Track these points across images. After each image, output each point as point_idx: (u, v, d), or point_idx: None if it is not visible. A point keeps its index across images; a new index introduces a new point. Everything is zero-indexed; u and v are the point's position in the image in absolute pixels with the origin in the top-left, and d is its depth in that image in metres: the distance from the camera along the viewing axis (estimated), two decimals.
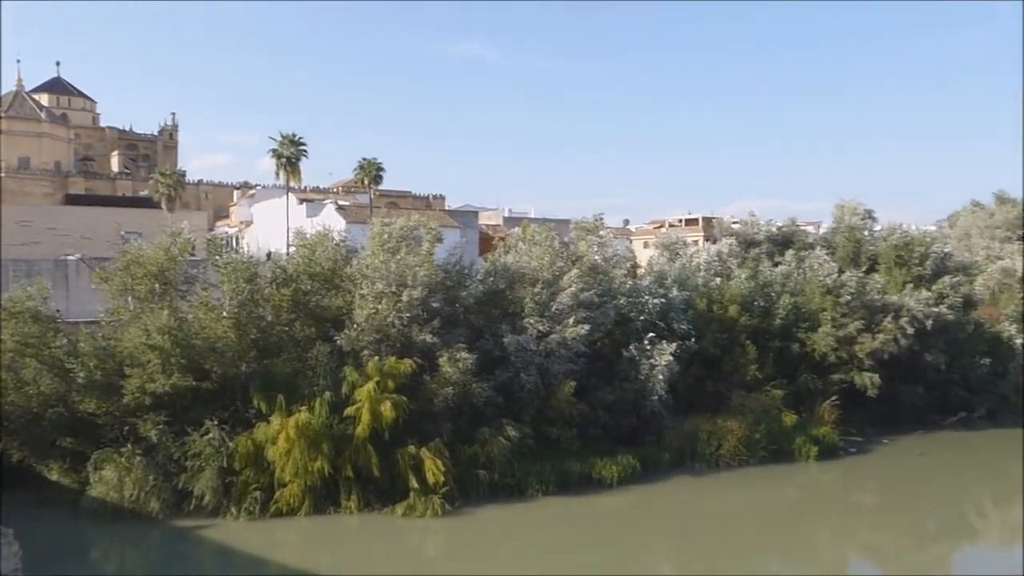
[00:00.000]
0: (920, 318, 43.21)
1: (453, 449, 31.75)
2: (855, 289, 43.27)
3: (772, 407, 38.72)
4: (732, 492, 34.88)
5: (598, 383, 36.77)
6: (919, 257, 49.75)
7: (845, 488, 36.97)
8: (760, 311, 42.61)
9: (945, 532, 32.35)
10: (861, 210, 56.23)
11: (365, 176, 71.99)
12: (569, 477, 33.43)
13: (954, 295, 46.67)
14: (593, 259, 39.36)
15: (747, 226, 56.35)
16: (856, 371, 41.42)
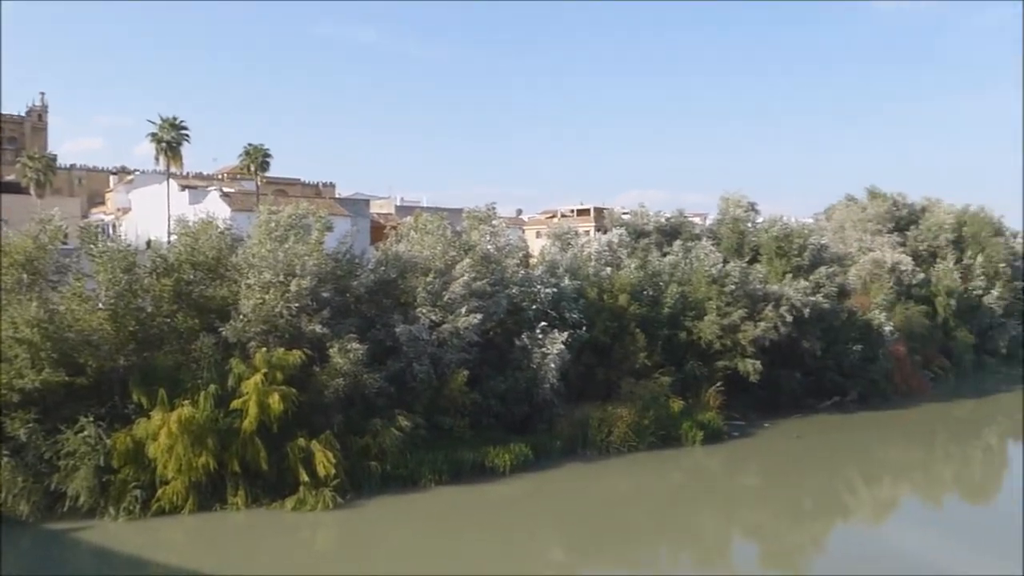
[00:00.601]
0: (798, 306, 44.93)
1: (344, 441, 31.24)
2: (739, 279, 44.68)
3: (660, 394, 39.66)
4: (622, 477, 35.57)
5: (491, 372, 36.85)
6: (798, 248, 51.85)
7: (729, 471, 38.21)
8: (649, 300, 43.55)
9: (821, 510, 33.83)
10: (745, 203, 58.21)
11: (251, 162, 69.89)
12: (462, 466, 33.40)
13: (830, 285, 48.78)
14: (486, 248, 39.38)
15: (637, 217, 57.53)
16: (739, 358, 42.79)
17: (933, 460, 43.04)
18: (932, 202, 72.18)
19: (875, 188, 72.09)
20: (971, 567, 25.99)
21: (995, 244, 68.32)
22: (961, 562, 26.53)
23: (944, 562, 26.62)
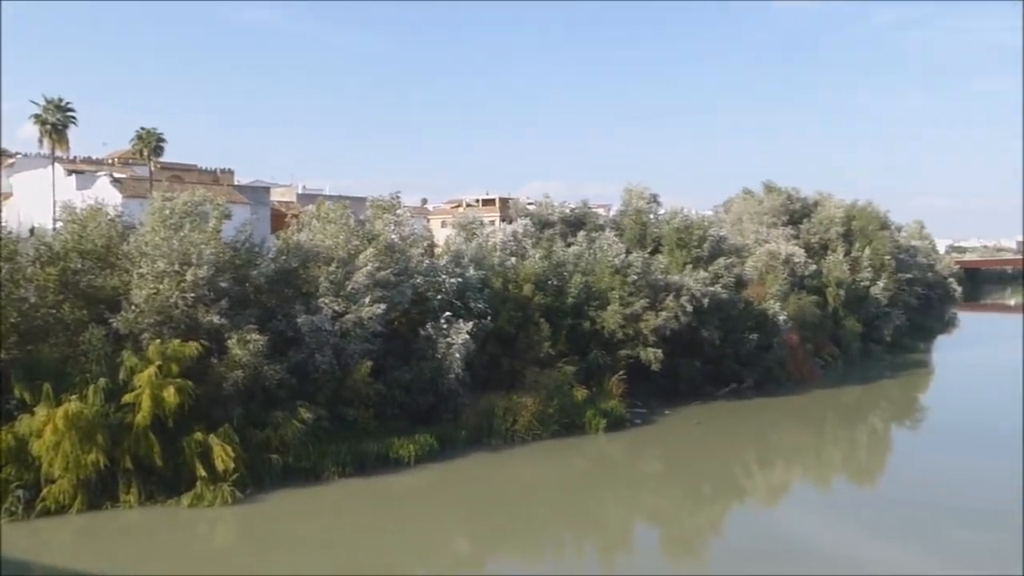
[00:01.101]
0: (698, 296, 45.98)
1: (244, 434, 30.38)
2: (641, 269, 45.41)
3: (564, 382, 40.01)
4: (527, 466, 35.77)
5: (395, 362, 36.47)
6: (698, 240, 53.08)
7: (631, 458, 38.88)
8: (553, 290, 43.86)
9: (719, 494, 34.77)
10: (647, 194, 59.23)
11: (144, 147, 66.92)
12: (366, 458, 32.98)
13: (728, 275, 50.13)
14: (390, 238, 38.89)
15: (542, 207, 57.84)
16: (642, 347, 43.52)
17: (823, 444, 44.75)
18: (824, 196, 75.06)
19: (771, 182, 74.59)
20: (856, 547, 27.07)
21: (881, 237, 71.49)
22: (847, 542, 27.62)
23: (832, 543, 27.67)
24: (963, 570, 24.82)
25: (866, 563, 25.54)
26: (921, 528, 28.68)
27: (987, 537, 27.46)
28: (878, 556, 26.10)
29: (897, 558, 25.91)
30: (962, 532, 28.05)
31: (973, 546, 26.70)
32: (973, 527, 28.45)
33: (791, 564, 25.21)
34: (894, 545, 27.09)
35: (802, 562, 25.41)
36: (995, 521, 29.04)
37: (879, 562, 25.61)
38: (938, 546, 26.83)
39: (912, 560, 25.66)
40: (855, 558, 25.98)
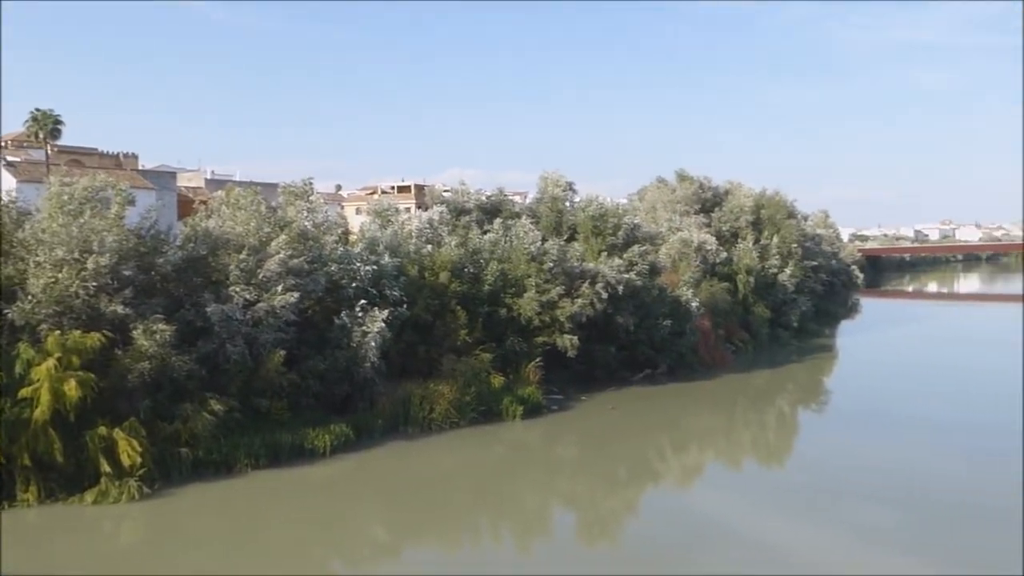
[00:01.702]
0: (613, 284, 46.45)
1: (152, 427, 29.40)
2: (557, 257, 45.63)
3: (481, 370, 39.99)
4: (444, 454, 35.64)
5: (309, 352, 35.81)
6: (613, 227, 53.60)
7: (548, 443, 39.15)
8: (470, 277, 43.73)
9: (633, 477, 35.33)
10: (563, 182, 59.52)
11: (39, 129, 63.77)
12: (280, 449, 32.33)
13: (642, 263, 50.77)
14: (303, 225, 38.08)
15: (458, 195, 57.53)
16: (558, 334, 43.78)
17: (734, 427, 45.87)
18: (734, 185, 76.79)
19: (683, 171, 75.90)
20: (765, 525, 27.85)
21: (788, 226, 73.52)
22: (757, 521, 28.37)
23: (743, 522, 28.37)
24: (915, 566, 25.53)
25: (775, 540, 26.25)
26: (825, 506, 29.69)
27: (888, 513, 28.56)
28: (786, 533, 26.90)
29: (803, 534, 26.75)
30: (864, 509, 29.08)
31: (874, 522, 27.71)
32: (874, 504, 29.52)
33: (705, 543, 25.80)
34: (801, 522, 27.99)
35: (715, 541, 26.01)
36: (894, 497, 30.25)
37: (787, 539, 26.37)
38: (841, 522, 27.76)
39: (817, 536, 26.50)
40: (765, 536, 26.69)
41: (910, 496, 30.47)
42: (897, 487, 31.60)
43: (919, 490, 31.22)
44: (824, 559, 24.57)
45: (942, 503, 29.71)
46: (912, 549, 25.30)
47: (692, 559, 24.61)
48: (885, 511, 28.75)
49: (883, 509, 28.96)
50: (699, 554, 25.00)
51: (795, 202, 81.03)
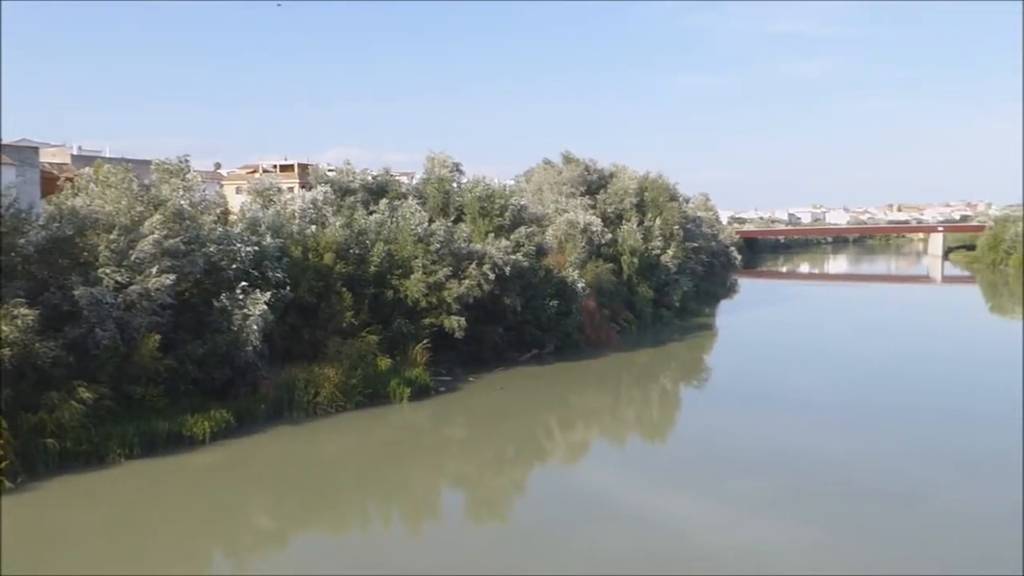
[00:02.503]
0: (500, 265, 46.54)
1: (14, 418, 27.63)
2: (444, 238, 45.35)
3: (368, 352, 39.44)
4: (330, 438, 35.03)
5: (187, 336, 34.47)
6: (500, 208, 53.63)
7: (436, 425, 38.98)
8: (355, 259, 42.99)
9: (521, 456, 35.60)
10: (450, 163, 59.12)
11: None
12: (156, 438, 31.01)
13: (529, 244, 51.05)
14: (179, 204, 36.55)
15: (343, 174, 56.40)
16: (445, 315, 43.62)
17: (619, 405, 46.84)
18: (619, 168, 78.01)
19: (569, 153, 76.65)
20: (649, 497, 28.57)
21: (671, 208, 75.27)
22: (641, 493, 29.08)
23: (628, 495, 29.02)
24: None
25: (659, 513, 26.96)
26: (706, 479, 30.62)
27: (764, 484, 29.71)
28: (669, 506, 27.64)
29: (686, 506, 27.52)
30: (743, 481, 30.16)
31: (752, 492, 28.78)
32: (752, 476, 30.68)
33: (592, 518, 26.17)
34: (683, 494, 28.79)
35: (602, 515, 26.43)
36: (770, 469, 31.54)
37: (670, 511, 27.10)
38: (722, 494, 28.69)
39: (699, 508, 27.32)
40: (649, 509, 27.37)
41: (786, 468, 31.77)
42: (773, 459, 32.94)
43: (794, 462, 32.61)
44: (706, 528, 25.36)
45: (816, 474, 31.12)
46: (788, 516, 26.43)
47: (580, 533, 24.97)
48: (762, 482, 29.89)
49: (760, 480, 30.10)
50: (586, 528, 25.37)
51: (677, 185, 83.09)
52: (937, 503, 27.98)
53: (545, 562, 22.80)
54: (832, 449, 34.53)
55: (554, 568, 22.39)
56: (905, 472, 31.64)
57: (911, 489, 29.41)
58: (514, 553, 23.86)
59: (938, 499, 28.38)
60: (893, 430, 37.92)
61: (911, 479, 30.74)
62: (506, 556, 23.68)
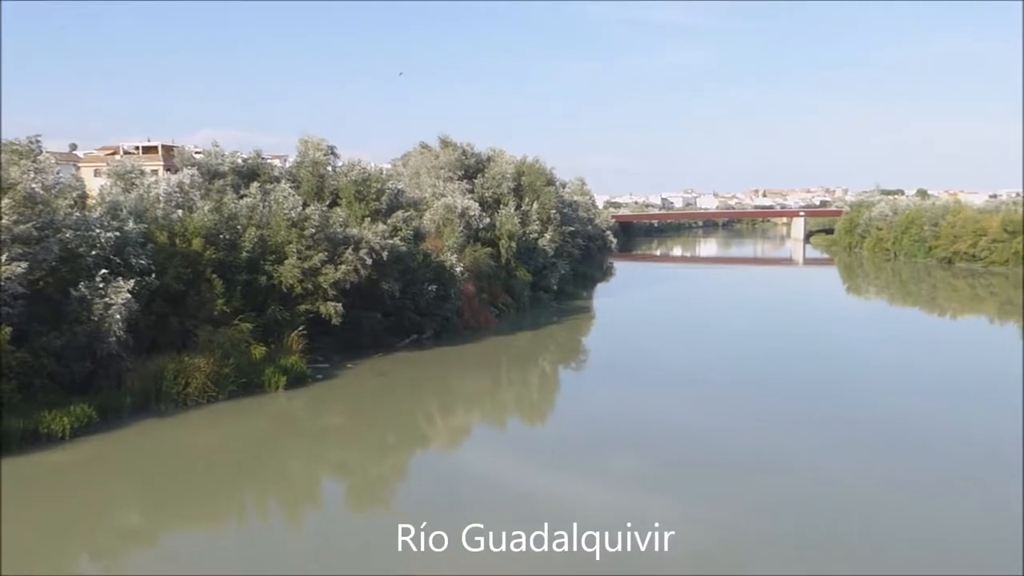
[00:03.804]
0: (377, 249, 45.85)
1: None
2: (319, 222, 44.31)
3: (241, 341, 38.15)
4: (203, 430, 33.73)
5: (42, 328, 32.38)
6: (376, 193, 52.84)
7: (314, 413, 38.19)
8: (226, 244, 41.45)
9: (402, 442, 35.34)
10: (324, 146, 57.74)
11: None
12: (10, 436, 29.02)
13: (406, 228, 50.51)
14: (30, 187, 34.21)
15: (211, 156, 54.25)
16: (321, 301, 42.69)
17: (499, 388, 47.15)
18: (496, 152, 78.10)
19: (447, 137, 76.20)
20: (530, 477, 28.87)
21: (548, 192, 76.03)
22: (522, 474, 29.37)
23: (509, 476, 29.29)
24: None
25: (541, 491, 27.25)
26: (585, 456, 31.25)
27: (643, 460, 30.58)
28: (551, 484, 28.04)
29: (566, 484, 28.02)
30: (621, 457, 30.95)
31: (629, 468, 29.60)
32: (629, 452, 31.50)
33: (475, 499, 26.41)
34: (564, 473, 29.29)
35: (485, 497, 26.70)
36: (647, 445, 32.48)
37: (552, 489, 27.46)
38: (600, 471, 29.35)
39: (579, 484, 27.83)
40: (532, 488, 27.68)
41: (662, 442, 32.78)
42: (650, 436, 33.92)
43: (670, 436, 33.69)
44: (585, 503, 25.82)
45: (691, 447, 32.25)
46: (665, 489, 27.33)
47: (462, 514, 24.91)
48: (640, 458, 30.75)
49: (638, 456, 30.97)
50: (469, 510, 25.35)
51: (554, 170, 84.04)
52: (803, 471, 29.48)
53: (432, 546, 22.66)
54: (704, 422, 35.86)
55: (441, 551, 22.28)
56: (774, 442, 33.18)
57: (781, 458, 30.92)
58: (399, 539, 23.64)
59: (803, 467, 29.92)
60: (762, 402, 39.67)
61: (781, 448, 32.29)
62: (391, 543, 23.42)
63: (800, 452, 31.82)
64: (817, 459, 30.66)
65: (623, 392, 42.28)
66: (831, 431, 34.42)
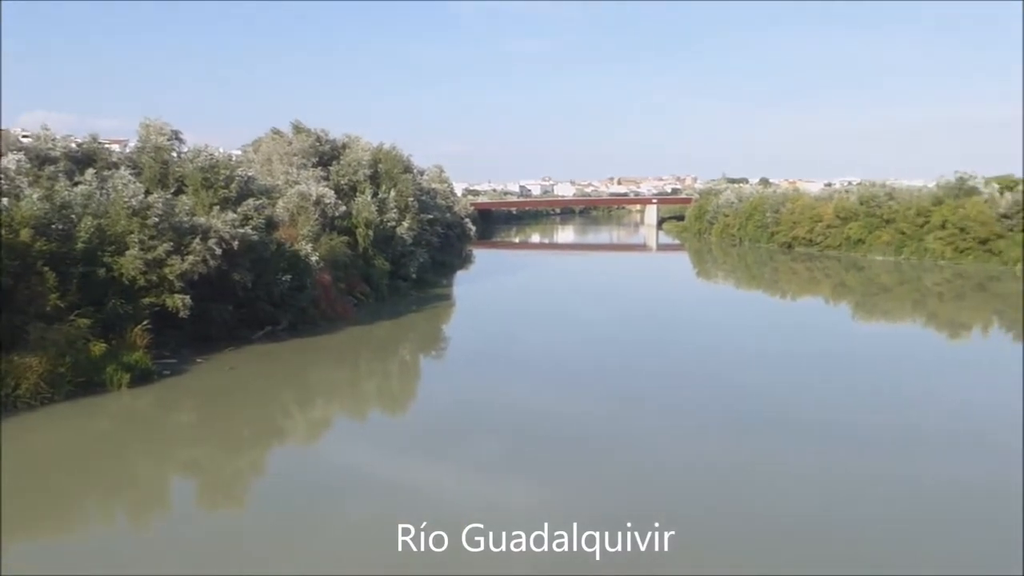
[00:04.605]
0: (227, 239, 44.09)
1: None
2: (163, 211, 42.11)
3: (78, 337, 35.71)
4: (37, 434, 31.38)
5: None
6: (225, 180, 50.69)
7: (162, 411, 36.32)
8: (59, 235, 38.65)
9: (258, 437, 34.17)
10: (168, 130, 54.97)
11: None
12: None
13: (258, 217, 48.75)
14: None
15: (40, 141, 50.61)
16: (167, 294, 40.63)
17: (359, 379, 46.35)
18: (352, 139, 76.59)
19: (299, 123, 74.12)
20: (395, 468, 28.55)
21: (405, 180, 75.20)
22: (383, 464, 29.02)
23: (371, 466, 28.86)
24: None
25: (406, 480, 27.04)
26: (449, 442, 31.23)
27: (504, 443, 30.83)
28: (416, 472, 27.84)
29: (431, 470, 27.90)
30: (484, 442, 31.12)
31: (492, 451, 29.82)
32: (492, 437, 31.71)
33: (337, 492, 25.93)
34: (429, 460, 29.15)
35: (347, 489, 26.31)
36: (509, 430, 32.74)
37: (418, 477, 27.26)
38: (464, 455, 29.42)
39: (444, 470, 27.76)
40: (397, 477, 27.39)
41: (524, 427, 33.07)
42: (512, 421, 34.20)
43: (531, 421, 34.04)
44: (451, 488, 25.89)
45: (552, 431, 32.72)
46: (529, 471, 27.66)
47: (322, 507, 24.44)
48: (502, 442, 31.00)
49: (501, 440, 31.21)
50: (330, 502, 24.94)
51: (412, 157, 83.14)
52: (654, 451, 30.50)
53: (293, 541, 22.06)
54: (563, 405, 36.42)
55: (302, 546, 21.70)
56: (630, 423, 34.13)
57: (638, 440, 31.82)
58: (255, 536, 22.88)
59: (655, 447, 30.96)
60: (621, 385, 40.71)
61: (636, 430, 33.24)
62: (246, 541, 22.65)
63: (657, 434, 32.84)
64: (674, 440, 31.78)
65: (484, 379, 42.49)
66: (683, 413, 35.71)
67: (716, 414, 34.87)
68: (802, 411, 35.57)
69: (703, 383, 41.03)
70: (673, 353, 49.89)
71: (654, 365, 46.28)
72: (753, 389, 39.36)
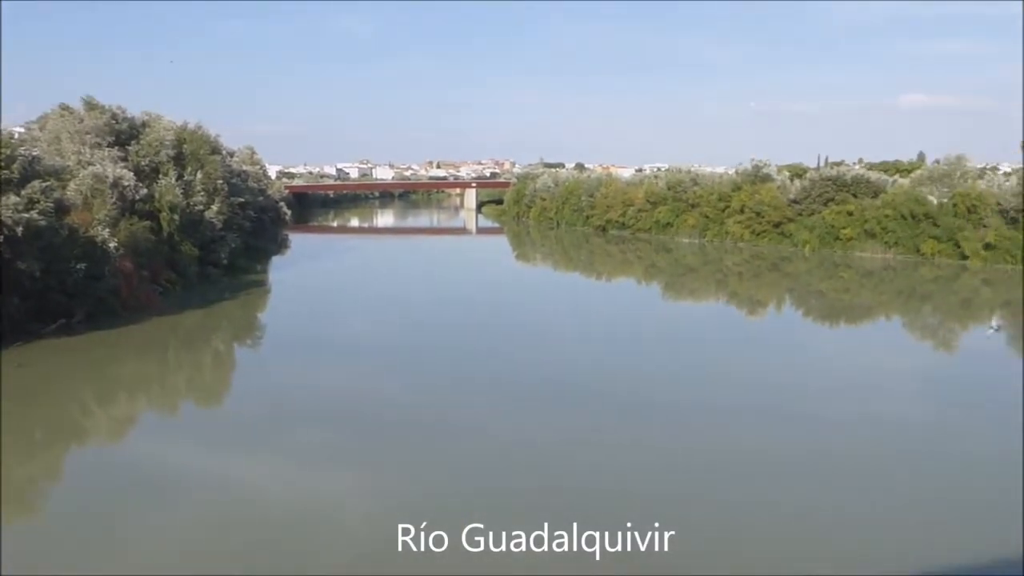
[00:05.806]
0: (11, 225, 40.33)
1: None
2: None
3: None
4: None
5: None
6: (6, 160, 46.00)
7: None
8: None
9: (54, 438, 31.67)
10: None
11: None
12: None
13: (46, 200, 44.72)
14: None
15: None
16: None
17: (167, 371, 43.69)
18: (153, 117, 71.65)
19: (92, 99, 68.39)
20: (213, 463, 27.07)
21: (213, 162, 71.31)
22: (198, 460, 27.42)
23: (186, 462, 27.26)
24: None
25: (221, 475, 25.84)
26: (270, 433, 30.17)
27: (329, 432, 29.96)
28: (234, 466, 26.66)
29: (252, 462, 26.82)
30: (306, 431, 30.11)
31: (316, 441, 29.00)
32: (315, 425, 30.73)
33: (150, 491, 24.50)
34: (249, 452, 28.04)
35: (158, 487, 24.82)
36: (333, 417, 31.99)
37: (233, 472, 26.11)
38: (286, 446, 28.39)
39: (266, 462, 26.65)
40: (210, 473, 26.17)
41: (343, 414, 32.31)
42: (331, 407, 33.40)
43: (351, 408, 33.32)
44: (275, 481, 24.95)
45: (374, 416, 32.16)
46: (360, 462, 27.07)
47: (132, 512, 22.82)
48: (326, 431, 30.16)
49: (324, 429, 30.33)
50: (140, 506, 23.27)
51: (220, 137, 78.88)
52: (491, 432, 30.56)
53: (93, 550, 20.37)
54: (385, 389, 35.91)
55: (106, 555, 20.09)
56: (459, 405, 34.05)
57: (468, 422, 31.79)
58: (51, 549, 20.99)
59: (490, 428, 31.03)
60: (441, 368, 40.57)
61: (466, 412, 33.20)
62: (42, 554, 20.74)
63: (483, 414, 32.89)
64: (501, 419, 31.93)
65: (303, 365, 41.28)
66: (506, 392, 36.01)
67: (538, 394, 35.41)
68: (618, 388, 36.79)
69: (526, 364, 41.59)
70: (495, 335, 50.26)
71: (477, 346, 46.47)
72: (572, 368, 40.36)
